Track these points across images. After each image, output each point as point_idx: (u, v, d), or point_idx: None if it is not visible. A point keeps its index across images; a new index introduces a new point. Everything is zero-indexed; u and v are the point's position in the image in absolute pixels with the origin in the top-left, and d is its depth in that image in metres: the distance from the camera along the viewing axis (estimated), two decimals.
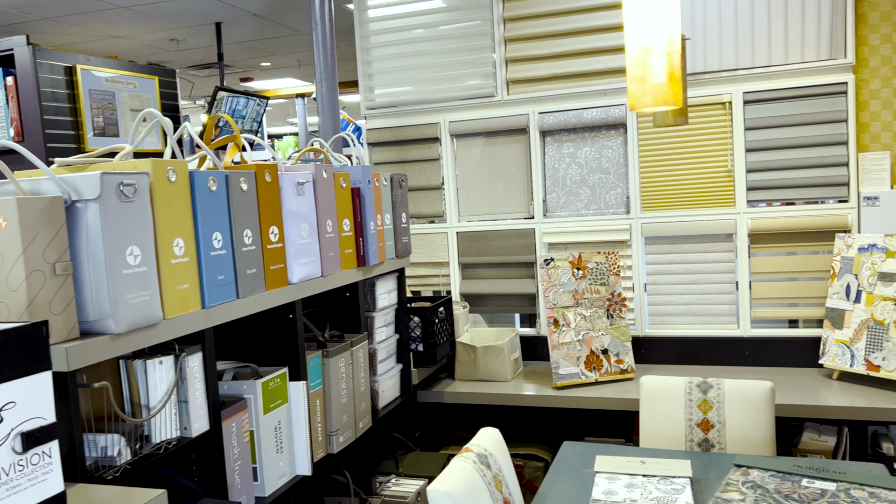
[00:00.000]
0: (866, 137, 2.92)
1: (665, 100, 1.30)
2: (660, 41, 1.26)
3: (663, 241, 3.17)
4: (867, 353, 2.69)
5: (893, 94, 2.88)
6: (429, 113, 3.44)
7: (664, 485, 1.71)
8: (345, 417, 2.18)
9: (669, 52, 1.27)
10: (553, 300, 2.99)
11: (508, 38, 3.28)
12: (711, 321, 3.14)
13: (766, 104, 2.99)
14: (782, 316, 3.05)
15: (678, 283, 3.16)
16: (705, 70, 3.04)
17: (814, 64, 2.91)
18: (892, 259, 2.69)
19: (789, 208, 3.00)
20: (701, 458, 1.98)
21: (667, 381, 2.23)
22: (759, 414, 2.09)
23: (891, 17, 2.85)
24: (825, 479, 1.71)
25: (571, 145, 3.26)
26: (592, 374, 2.95)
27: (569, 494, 1.79)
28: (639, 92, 1.30)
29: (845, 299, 2.80)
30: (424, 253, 3.50)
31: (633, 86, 1.31)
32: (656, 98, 1.30)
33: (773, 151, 3.01)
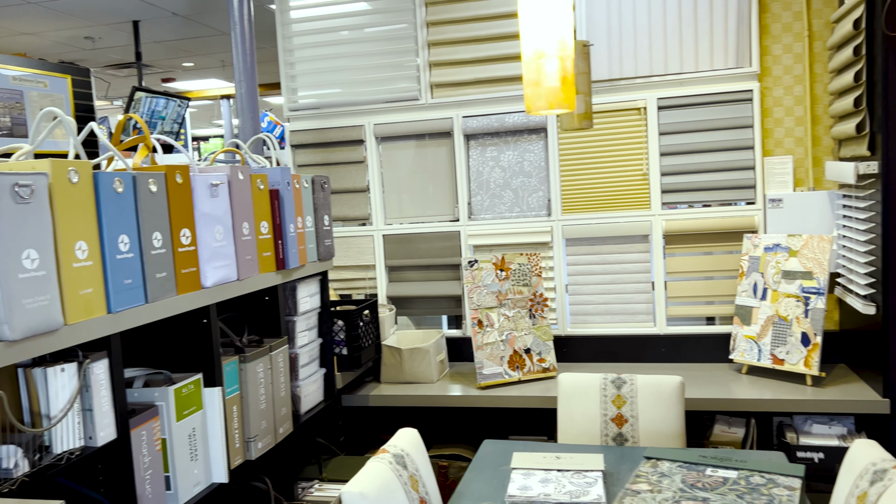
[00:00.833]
0: (771, 142, 3.08)
1: (558, 103, 1.34)
2: (553, 46, 1.31)
3: (583, 242, 3.25)
4: (773, 348, 2.83)
5: (795, 102, 3.04)
6: (353, 115, 3.43)
7: (577, 478, 1.76)
8: (264, 423, 2.15)
9: (562, 56, 1.31)
10: (477, 301, 3.02)
11: (432, 42, 3.30)
12: (629, 320, 3.23)
13: (679, 110, 3.11)
14: (695, 314, 3.17)
15: (598, 283, 3.25)
16: (621, 76, 3.14)
17: (722, 72, 3.05)
18: (795, 258, 2.84)
19: (701, 210, 3.13)
20: (615, 451, 2.04)
21: (583, 378, 2.29)
22: (670, 408, 2.17)
23: (792, 28, 3.01)
24: (727, 468, 1.79)
25: (495, 149, 3.31)
26: (516, 374, 2.99)
27: (486, 491, 1.82)
28: (534, 95, 1.34)
29: (753, 297, 2.94)
30: (351, 256, 3.48)
31: (528, 89, 1.34)
32: (550, 101, 1.34)
33: (685, 155, 3.13)
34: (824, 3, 2.98)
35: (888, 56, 2.45)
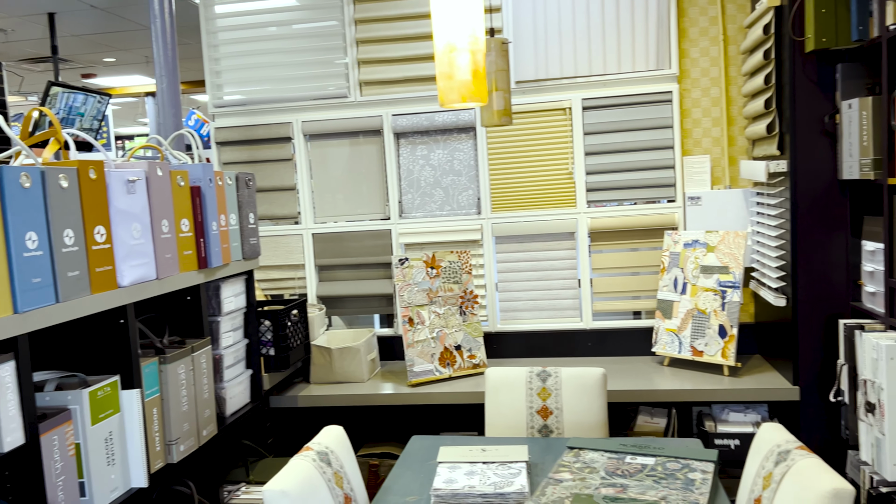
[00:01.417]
0: (689, 142, 3.19)
1: (471, 96, 1.36)
2: (464, 40, 1.33)
3: (512, 240, 3.30)
4: (692, 340, 2.94)
5: (712, 104, 3.16)
6: (281, 112, 3.38)
7: (502, 470, 1.78)
8: (186, 426, 2.10)
9: (473, 50, 1.34)
10: (408, 299, 3.03)
11: (360, 40, 3.29)
12: (557, 315, 3.30)
13: (603, 110, 3.20)
14: (620, 308, 3.26)
15: (526, 279, 3.30)
16: (547, 77, 3.20)
17: (643, 73, 3.15)
18: (712, 253, 2.95)
19: (624, 208, 3.22)
20: (540, 443, 2.08)
21: (509, 371, 2.33)
22: (593, 399, 2.23)
23: (708, 32, 3.13)
24: (646, 455, 1.85)
25: (425, 147, 3.32)
26: (446, 370, 3.01)
27: (412, 486, 1.82)
28: (446, 88, 1.36)
29: (673, 291, 3.04)
30: (279, 255, 3.43)
31: (441, 82, 1.36)
32: (462, 94, 1.36)
33: (609, 155, 3.21)
34: (738, 9, 3.11)
35: (795, 60, 2.58)
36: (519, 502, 1.66)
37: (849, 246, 2.60)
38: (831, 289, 2.62)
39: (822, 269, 2.62)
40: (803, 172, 2.61)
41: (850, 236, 2.60)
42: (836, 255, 2.62)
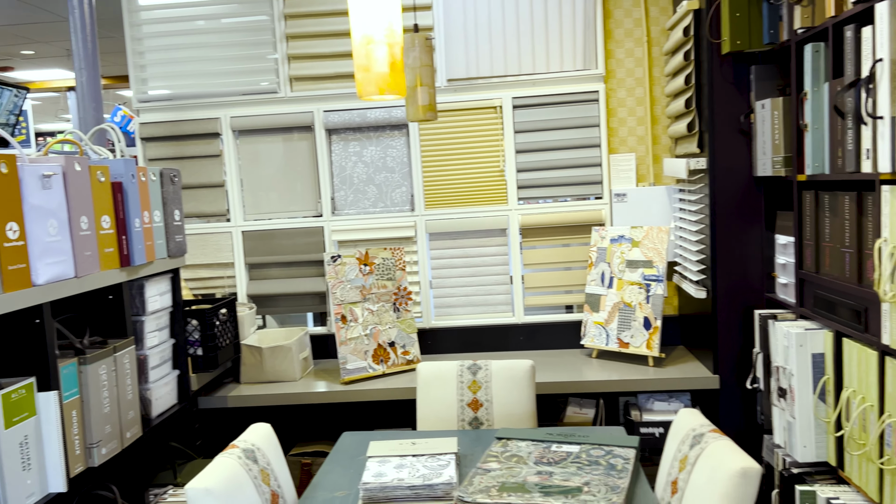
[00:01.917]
0: (616, 141, 3.28)
1: (388, 88, 1.38)
2: (381, 32, 1.34)
3: (445, 236, 3.32)
4: (619, 332, 3.02)
5: (637, 103, 3.26)
6: (208, 108, 3.32)
7: (431, 462, 1.80)
8: (108, 428, 2.04)
9: (391, 43, 1.35)
10: (341, 296, 3.01)
11: (290, 35, 3.26)
12: (490, 310, 3.34)
13: (533, 109, 3.25)
14: (550, 303, 3.33)
15: (460, 276, 3.33)
16: (478, 76, 3.24)
17: (571, 73, 3.22)
18: (637, 248, 3.05)
19: (554, 205, 3.29)
20: (470, 435, 2.11)
21: (440, 366, 2.35)
22: (522, 390, 2.27)
23: (633, 34, 3.23)
24: (571, 443, 1.90)
25: (357, 144, 3.31)
26: (380, 367, 3.01)
27: (341, 481, 1.82)
28: (364, 80, 1.37)
29: (601, 285, 3.12)
30: (208, 254, 3.36)
31: (358, 74, 1.37)
32: (380, 86, 1.38)
33: (539, 153, 3.27)
34: (661, 11, 3.22)
35: (712, 61, 2.68)
36: (447, 493, 1.68)
37: (763, 240, 2.73)
38: (748, 281, 2.75)
39: (739, 263, 2.74)
40: (721, 170, 2.72)
41: (764, 231, 2.73)
42: (751, 248, 2.74)
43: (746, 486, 1.40)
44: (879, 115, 1.79)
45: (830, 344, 2.17)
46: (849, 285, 2.05)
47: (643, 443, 2.85)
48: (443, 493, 1.68)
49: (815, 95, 2.21)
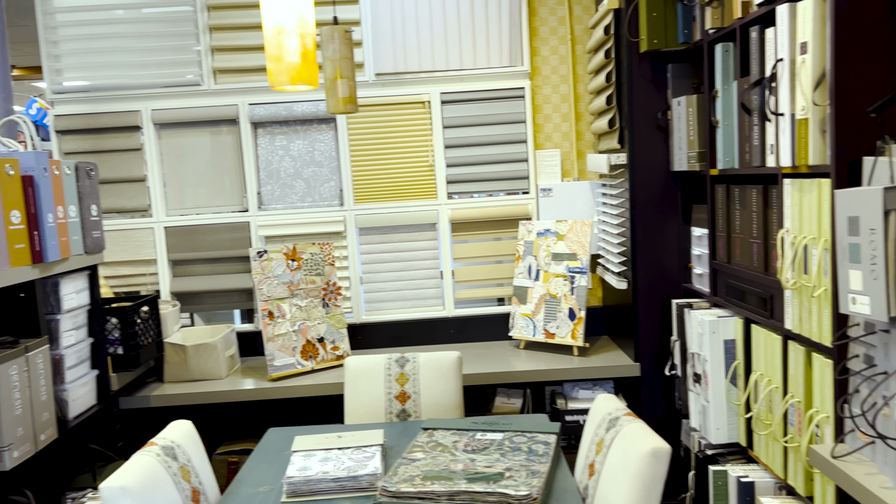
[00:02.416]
0: (541, 137, 3.35)
1: (301, 78, 1.38)
2: (292, 23, 1.34)
3: (375, 231, 3.32)
4: (545, 324, 3.09)
5: (562, 100, 3.34)
6: (129, 100, 3.22)
7: (357, 454, 1.81)
8: (20, 430, 1.96)
9: (302, 33, 1.36)
10: (267, 292, 2.98)
11: (213, 27, 3.19)
12: (421, 304, 3.36)
13: (461, 104, 3.29)
14: (480, 296, 3.37)
15: (390, 270, 3.34)
16: (406, 70, 3.25)
17: (498, 70, 3.27)
18: (562, 241, 3.12)
19: (482, 199, 3.33)
20: (397, 427, 2.13)
21: (368, 359, 2.35)
22: (449, 381, 2.30)
23: (557, 32, 3.30)
24: (495, 431, 1.94)
25: (284, 138, 3.28)
26: (309, 363, 2.99)
27: (266, 477, 1.81)
28: (276, 70, 1.37)
29: (528, 278, 3.19)
30: (129, 250, 3.26)
31: (270, 64, 1.37)
32: (292, 76, 1.38)
33: (467, 148, 3.31)
34: (584, 10, 3.30)
35: (631, 59, 2.77)
36: (371, 483, 1.69)
37: (680, 232, 2.84)
38: (666, 272, 2.85)
39: (658, 255, 2.85)
40: (640, 165, 2.82)
41: (681, 223, 2.84)
42: (669, 241, 2.85)
43: (657, 465, 1.47)
44: (781, 112, 1.89)
45: (741, 330, 2.28)
46: (756, 274, 2.16)
47: (568, 430, 2.92)
48: (367, 484, 1.69)
49: (725, 93, 2.32)
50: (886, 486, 1.46)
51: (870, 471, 1.53)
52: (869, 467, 1.54)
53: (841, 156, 1.65)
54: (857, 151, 1.65)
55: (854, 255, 1.49)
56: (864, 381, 1.55)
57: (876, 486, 1.46)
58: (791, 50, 1.82)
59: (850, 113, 1.63)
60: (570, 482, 1.68)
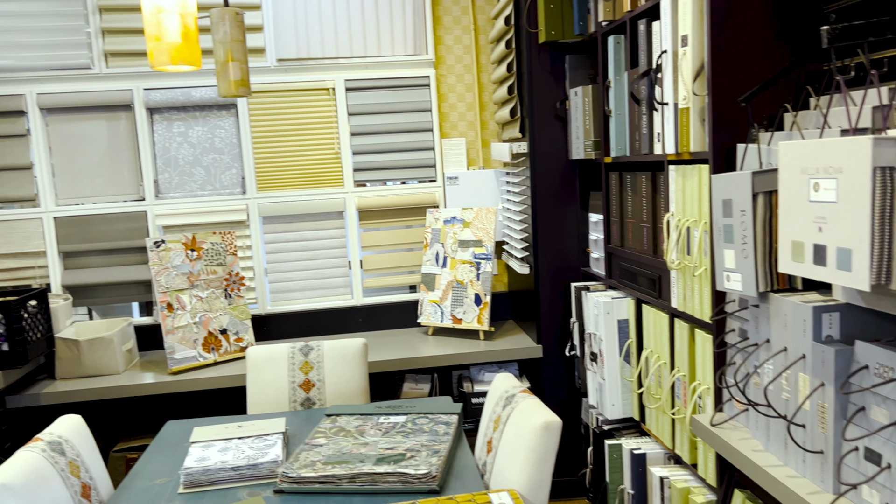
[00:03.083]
0: (447, 125, 3.39)
1: (182, 58, 1.36)
2: (172, 2, 1.32)
3: (280, 220, 3.28)
4: (452, 309, 3.14)
5: (466, 89, 3.38)
6: (12, 83, 3.03)
7: (258, 443, 1.79)
8: None
9: (183, 13, 1.33)
10: (166, 284, 2.89)
11: (104, 8, 3.04)
12: (329, 294, 3.34)
13: (366, 92, 3.28)
14: (388, 284, 3.39)
15: (297, 259, 3.30)
16: (309, 56, 3.21)
17: (402, 58, 3.28)
18: (468, 229, 3.17)
19: (389, 187, 3.34)
20: (301, 415, 2.12)
21: (271, 348, 2.33)
22: (354, 368, 2.31)
23: (461, 21, 3.34)
24: (398, 414, 1.96)
25: (182, 124, 3.17)
26: (211, 356, 2.92)
27: (162, 469, 1.77)
28: (156, 50, 1.34)
29: (435, 265, 3.22)
30: (14, 242, 3.08)
31: (150, 44, 1.34)
32: (172, 56, 1.35)
33: (373, 136, 3.30)
34: (486, 0, 3.35)
35: (531, 50, 2.84)
36: (272, 471, 1.68)
37: (579, 219, 2.94)
38: (566, 257, 2.95)
39: (558, 240, 2.94)
40: (540, 153, 2.90)
41: (580, 210, 2.94)
42: (569, 227, 2.95)
43: (549, 438, 1.53)
44: (665, 101, 1.99)
45: (633, 310, 2.39)
46: (646, 257, 2.27)
47: (475, 412, 2.99)
48: (268, 472, 1.68)
49: (617, 84, 2.42)
50: (757, 449, 1.58)
51: (744, 436, 1.65)
52: (743, 433, 1.66)
53: (718, 143, 1.76)
54: (732, 139, 1.76)
55: (728, 235, 1.59)
56: (738, 353, 1.66)
57: (748, 450, 1.58)
58: (673, 42, 1.93)
59: (726, 102, 1.74)
60: (469, 459, 1.72)
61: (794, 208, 1.33)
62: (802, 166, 1.29)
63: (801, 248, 1.31)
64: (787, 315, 1.44)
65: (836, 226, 1.21)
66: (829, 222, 1.23)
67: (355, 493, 1.57)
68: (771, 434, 1.54)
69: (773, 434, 1.53)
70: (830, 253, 1.23)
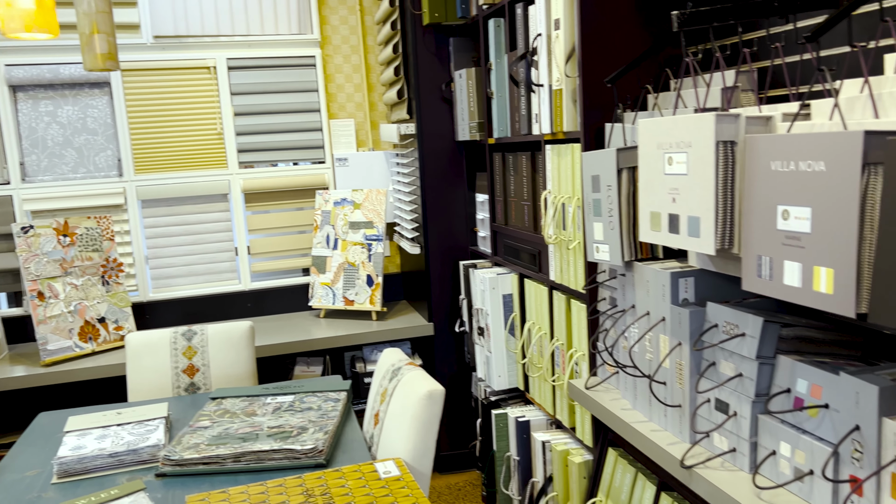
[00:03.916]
0: (335, 106, 3.37)
1: (37, 25, 1.30)
2: None
3: (161, 203, 3.16)
4: (344, 291, 3.14)
5: (353, 70, 3.37)
6: None
7: (138, 429, 1.74)
8: None
9: None
10: (36, 271, 2.73)
11: None
12: (215, 279, 3.26)
13: (249, 71, 3.20)
14: (278, 268, 3.34)
15: (180, 244, 3.20)
16: (188, 34, 3.10)
17: (287, 37, 3.22)
18: (359, 210, 3.18)
19: (276, 169, 3.29)
20: (185, 400, 2.07)
21: (152, 334, 2.26)
22: (241, 351, 2.28)
23: (346, 1, 3.32)
24: (285, 394, 1.96)
25: (50, 103, 2.99)
26: (88, 345, 2.79)
27: (34, 461, 1.69)
28: (7, 16, 1.27)
29: (326, 247, 3.21)
30: None
31: (0, 10, 1.27)
32: (25, 23, 1.29)
33: (259, 116, 3.24)
34: None
35: (416, 31, 2.87)
36: (153, 455, 1.64)
37: (466, 199, 3.02)
38: (455, 236, 3.02)
39: (447, 220, 3.00)
40: (428, 135, 2.94)
41: (467, 190, 3.01)
42: (457, 207, 3.01)
43: (432, 406, 1.58)
44: (541, 83, 2.08)
45: (516, 285, 2.49)
46: (527, 233, 2.36)
47: (366, 392, 3.01)
48: (149, 457, 1.64)
49: (498, 66, 2.49)
50: (626, 407, 1.70)
51: (615, 397, 1.76)
52: (615, 394, 1.78)
53: (588, 123, 1.85)
54: (602, 119, 1.86)
55: (597, 209, 1.69)
56: (608, 320, 1.77)
57: (618, 409, 1.69)
58: (547, 26, 2.01)
59: (595, 84, 1.84)
60: (357, 434, 1.75)
61: (651, 181, 1.43)
62: (658, 142, 1.39)
63: (658, 218, 1.42)
64: (648, 282, 1.55)
65: (687, 196, 1.32)
66: (682, 193, 1.33)
67: (241, 471, 1.56)
68: (637, 393, 1.66)
69: (640, 393, 1.65)
70: (682, 221, 1.34)
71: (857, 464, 1.09)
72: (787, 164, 1.10)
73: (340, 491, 1.40)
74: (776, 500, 1.20)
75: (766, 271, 1.17)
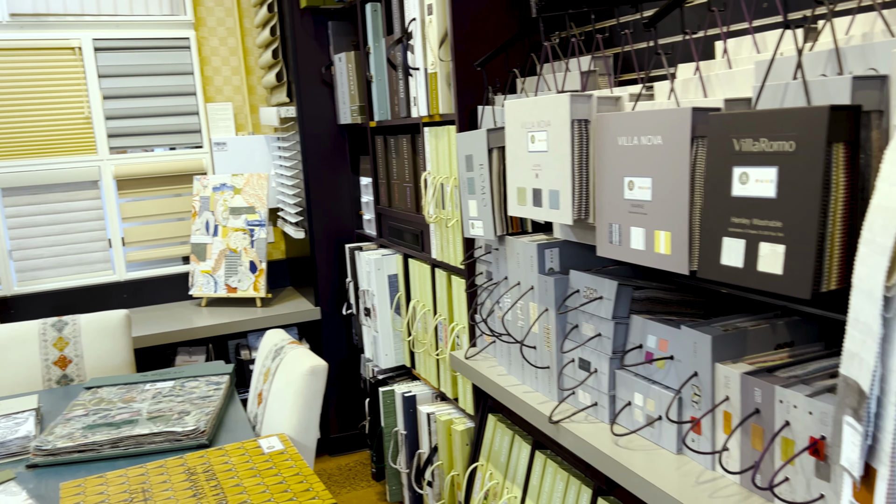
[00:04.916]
0: (212, 89, 3.29)
1: None
2: None
3: (24, 191, 2.98)
4: (227, 278, 3.09)
5: (230, 53, 3.30)
6: None
7: (6, 422, 1.67)
8: None
9: None
10: None
11: None
12: (86, 270, 3.12)
13: (118, 52, 3.07)
14: (155, 257, 3.23)
15: (46, 234, 3.03)
16: (49, 12, 2.93)
17: (159, 18, 3.11)
18: (239, 195, 3.13)
19: (151, 154, 3.18)
20: (58, 392, 1.99)
21: (18, 326, 2.15)
22: (117, 340, 2.21)
23: None
24: (165, 380, 1.93)
25: None
26: None
27: None
28: None
29: (206, 234, 3.14)
30: None
31: None
32: None
33: (130, 99, 3.11)
34: None
35: (294, 14, 2.85)
36: (24, 446, 1.58)
37: (350, 182, 3.04)
38: (340, 220, 3.04)
39: (332, 204, 3.02)
40: (309, 118, 2.94)
41: (351, 174, 3.04)
42: (341, 190, 3.03)
43: (315, 381, 1.61)
44: (417, 67, 2.14)
45: (401, 265, 2.55)
46: (410, 214, 2.43)
47: (234, 368, 2.99)
48: (19, 448, 1.58)
49: (376, 50, 2.53)
50: (502, 373, 1.80)
51: (492, 364, 1.86)
52: (492, 362, 1.88)
53: (462, 105, 1.93)
54: (474, 101, 1.94)
55: (471, 187, 1.78)
56: (484, 292, 1.87)
57: (495, 375, 1.79)
58: (421, 11, 2.07)
59: (467, 68, 1.92)
60: (241, 414, 1.76)
61: (517, 158, 1.52)
62: (522, 121, 1.49)
63: (524, 193, 1.52)
64: (519, 254, 1.65)
65: (548, 171, 1.42)
66: (543, 168, 1.43)
67: (119, 457, 1.54)
68: (511, 359, 1.76)
69: (513, 359, 1.75)
70: (545, 195, 1.44)
71: (697, 406, 1.23)
72: (632, 139, 1.22)
73: (224, 468, 1.41)
74: (632, 445, 1.33)
75: (616, 237, 1.28)
